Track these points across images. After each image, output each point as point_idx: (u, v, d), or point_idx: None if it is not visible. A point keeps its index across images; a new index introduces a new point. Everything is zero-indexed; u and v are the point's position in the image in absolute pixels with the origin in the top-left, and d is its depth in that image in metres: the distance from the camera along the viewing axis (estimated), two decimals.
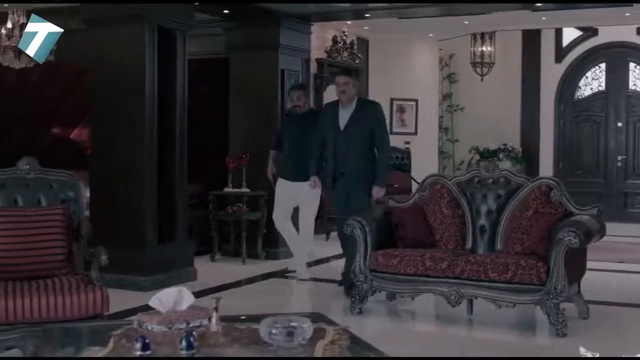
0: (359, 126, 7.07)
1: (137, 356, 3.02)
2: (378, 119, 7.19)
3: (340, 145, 7.12)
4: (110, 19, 7.58)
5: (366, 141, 7.07)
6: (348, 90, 7.09)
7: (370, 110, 7.23)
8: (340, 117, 7.15)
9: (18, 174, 5.17)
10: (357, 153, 7.07)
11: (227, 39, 9.69)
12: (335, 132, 7.15)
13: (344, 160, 7.13)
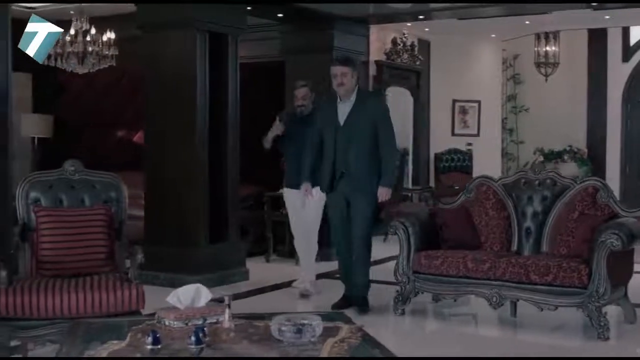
0: (361, 121, 6.38)
1: (148, 350, 3.13)
2: (381, 112, 6.51)
3: (340, 143, 6.42)
4: (163, 24, 7.78)
5: (369, 137, 6.38)
6: (347, 82, 6.38)
7: (372, 102, 6.57)
8: (339, 112, 6.46)
9: (64, 175, 5.35)
10: (359, 151, 6.38)
11: (282, 42, 9.82)
12: (334, 129, 6.45)
13: (344, 160, 6.43)
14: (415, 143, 12.76)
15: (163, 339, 3.28)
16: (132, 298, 4.66)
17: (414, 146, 12.72)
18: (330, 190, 6.56)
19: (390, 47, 11.93)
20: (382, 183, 6.41)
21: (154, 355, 3.10)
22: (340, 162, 6.46)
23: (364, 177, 6.42)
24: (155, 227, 7.99)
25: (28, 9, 11.04)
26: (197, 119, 7.68)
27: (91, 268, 5.01)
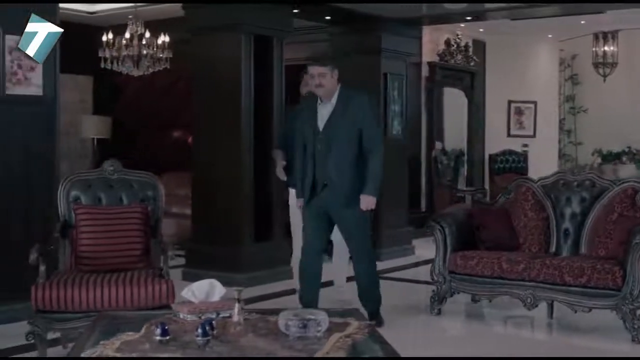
0: (342, 125, 5.73)
1: (157, 340, 3.27)
2: (365, 113, 5.80)
3: (320, 151, 5.79)
4: (210, 27, 7.97)
5: (353, 144, 5.74)
6: (325, 83, 5.72)
7: (355, 103, 5.79)
8: (318, 116, 5.84)
9: (103, 174, 5.56)
10: (340, 160, 5.72)
11: (331, 45, 9.93)
12: (313, 134, 5.85)
13: (324, 170, 5.78)
14: (470, 144, 12.75)
15: (174, 331, 3.42)
16: (162, 293, 4.82)
17: (468, 147, 12.72)
18: (310, 202, 5.91)
19: (443, 48, 11.95)
20: (366, 191, 5.73)
21: (162, 346, 3.23)
22: (321, 173, 5.81)
23: (350, 191, 5.76)
24: (203, 226, 8.20)
25: (89, 14, 11.44)
26: (243, 120, 7.85)
27: (127, 264, 5.19)
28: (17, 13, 6.08)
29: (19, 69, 6.16)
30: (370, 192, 5.74)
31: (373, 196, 5.76)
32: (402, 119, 9.96)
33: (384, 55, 9.62)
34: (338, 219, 5.89)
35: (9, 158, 6.15)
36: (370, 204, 5.77)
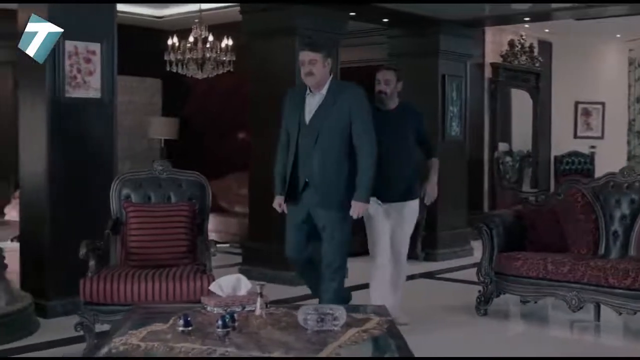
0: (331, 118, 5.18)
1: (180, 331, 3.45)
2: (357, 107, 5.21)
3: (304, 145, 5.25)
4: (267, 31, 8.17)
5: (341, 140, 5.18)
6: (316, 71, 5.18)
7: (346, 95, 5.22)
8: (306, 107, 5.28)
9: (153, 174, 5.79)
10: (326, 156, 5.18)
11: (390, 47, 10.01)
12: (298, 127, 5.28)
13: (307, 166, 5.23)
14: (535, 145, 12.65)
15: (200, 323, 3.60)
16: (203, 288, 4.98)
17: (533, 148, 12.62)
18: (292, 202, 5.43)
19: (507, 49, 11.90)
20: (356, 197, 5.18)
21: (184, 335, 3.41)
22: (303, 169, 5.27)
23: (332, 190, 5.22)
24: (259, 224, 8.41)
25: (157, 18, 11.80)
26: None
27: (173, 260, 5.40)
28: (76, 19, 6.40)
29: (78, 73, 6.44)
30: (361, 198, 5.19)
31: (364, 202, 5.22)
32: (461, 121, 9.98)
33: (441, 57, 9.67)
34: (317, 219, 5.32)
35: (69, 159, 6.43)
36: (360, 210, 5.22)
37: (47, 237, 6.36)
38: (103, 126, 6.66)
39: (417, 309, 6.92)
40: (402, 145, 5.96)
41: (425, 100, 9.69)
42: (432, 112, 9.70)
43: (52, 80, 6.33)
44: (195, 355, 3.21)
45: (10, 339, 5.60)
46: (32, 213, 6.59)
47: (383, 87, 5.91)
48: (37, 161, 6.46)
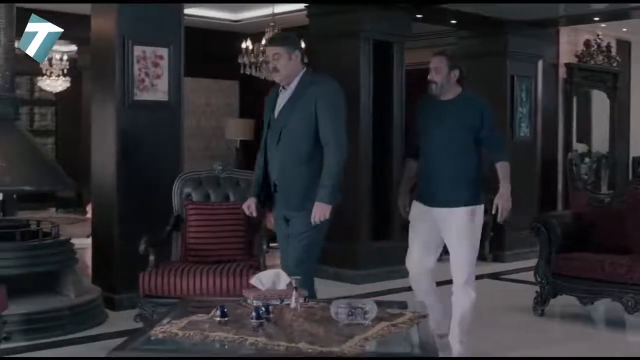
0: (295, 115, 4.75)
1: (216, 321, 3.64)
2: (324, 102, 4.72)
3: (270, 144, 4.90)
4: (332, 34, 8.34)
5: (306, 138, 4.74)
6: (281, 66, 4.78)
7: (315, 90, 4.74)
8: (277, 103, 4.90)
9: (212, 173, 6.02)
10: (292, 156, 4.77)
11: (459, 48, 10.04)
12: (269, 125, 4.92)
13: (275, 168, 4.88)
14: (612, 146, 12.44)
15: (239, 315, 3.78)
16: None
17: (610, 149, 12.42)
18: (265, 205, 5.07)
19: (582, 49, 11.75)
20: (319, 197, 4.72)
21: (219, 325, 3.59)
22: (271, 170, 4.91)
23: (298, 194, 4.81)
24: None
25: (233, 22, 12.11)
26: (362, 123, 8.16)
27: (229, 256, 5.63)
28: (145, 25, 6.70)
29: (146, 77, 6.74)
30: (325, 199, 4.72)
31: (328, 204, 4.74)
32: (530, 121, 9.95)
33: (510, 58, 9.66)
34: (290, 223, 4.92)
35: (136, 159, 6.72)
36: (322, 213, 4.73)
37: (116, 234, 6.68)
38: (170, 127, 6.93)
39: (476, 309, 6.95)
40: (448, 140, 5.13)
41: (494, 101, 9.66)
42: (501, 113, 9.69)
43: (121, 83, 6.64)
44: (227, 342, 3.38)
45: (79, 328, 5.92)
46: (102, 211, 6.92)
47: (433, 75, 5.19)
48: (107, 162, 6.78)
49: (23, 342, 5.46)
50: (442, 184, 5.17)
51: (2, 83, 6.15)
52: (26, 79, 15.77)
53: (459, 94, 5.23)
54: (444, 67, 5.17)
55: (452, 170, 5.16)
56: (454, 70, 5.19)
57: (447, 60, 5.20)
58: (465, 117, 5.14)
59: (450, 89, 5.21)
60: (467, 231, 5.16)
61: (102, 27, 6.89)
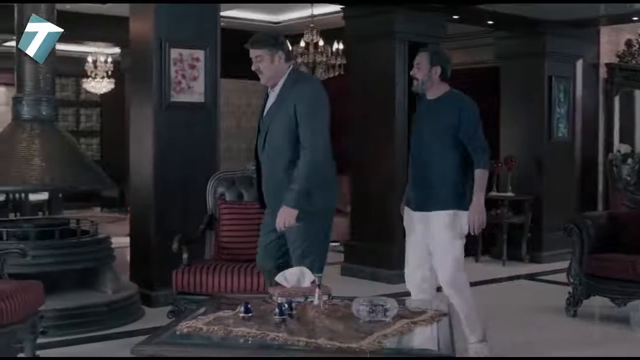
0: (277, 118, 4.60)
1: (240, 317, 3.73)
2: (304, 104, 4.52)
3: (258, 148, 4.81)
4: (367, 36, 8.42)
5: (290, 141, 4.57)
6: (264, 68, 4.60)
7: (297, 90, 4.56)
8: (265, 107, 4.79)
9: (245, 173, 6.12)
10: (274, 160, 4.66)
11: (497, 49, 10.05)
12: (258, 131, 4.81)
13: (263, 174, 4.81)
14: None
15: (263, 311, 3.87)
16: None
17: None
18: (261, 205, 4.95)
19: (624, 49, 11.64)
20: (286, 201, 4.52)
21: (243, 321, 3.69)
22: (263, 172, 4.82)
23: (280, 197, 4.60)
24: (360, 224, 8.67)
25: (273, 24, 12.23)
26: (397, 123, 8.23)
27: None
28: (181, 28, 6.84)
29: (182, 79, 6.87)
30: (291, 203, 4.51)
31: (294, 208, 4.51)
32: (568, 122, 9.91)
33: (548, 58, 9.64)
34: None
35: (173, 159, 6.86)
36: (288, 218, 4.53)
37: (153, 232, 6.82)
38: (205, 128, 7.05)
39: (509, 309, 7.01)
40: (429, 140, 4.99)
41: (532, 101, 9.72)
42: (538, 114, 9.70)
43: (158, 85, 6.79)
44: (250, 337, 3.48)
45: (116, 324, 6.08)
46: (139, 210, 7.08)
47: (415, 71, 5.04)
48: (144, 162, 6.94)
49: (60, 337, 5.61)
50: (422, 187, 5.04)
51: (43, 85, 6.34)
52: (72, 80, 16.12)
53: (444, 93, 5.04)
54: (425, 64, 5.00)
55: (431, 172, 4.99)
56: (435, 67, 4.97)
57: (429, 57, 5.01)
58: (444, 116, 4.95)
59: (434, 87, 5.04)
60: (445, 237, 4.95)
61: (140, 30, 7.06)
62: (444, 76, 5.02)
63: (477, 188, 4.88)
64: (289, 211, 4.51)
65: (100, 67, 14.05)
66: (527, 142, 9.74)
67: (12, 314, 4.45)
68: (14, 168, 6.03)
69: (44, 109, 6.30)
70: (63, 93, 16.25)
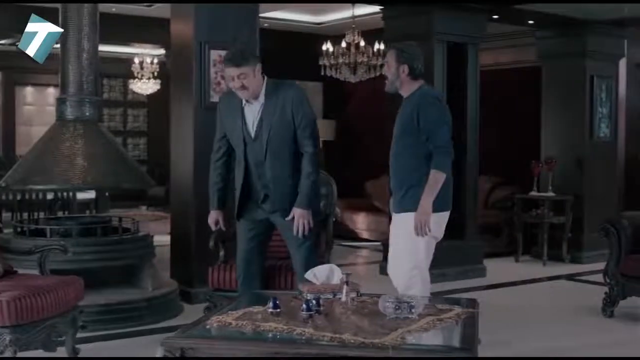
0: (276, 127, 4.75)
1: (269, 312, 3.83)
2: (298, 108, 4.74)
3: (254, 160, 4.86)
4: (406, 36, 8.42)
5: (291, 146, 4.80)
6: (249, 83, 4.67)
7: (285, 95, 4.75)
8: (247, 118, 4.82)
9: None
10: (285, 167, 4.84)
11: (538, 48, 10.01)
12: (244, 142, 4.86)
13: (263, 181, 4.88)
14: None
15: (292, 307, 3.96)
16: None
17: None
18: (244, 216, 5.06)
19: None
20: (298, 203, 4.80)
21: (271, 316, 3.78)
22: (258, 183, 4.91)
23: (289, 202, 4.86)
24: None
25: (316, 24, 12.33)
26: None
27: None
28: (220, 30, 6.96)
29: (222, 79, 6.99)
30: (304, 204, 4.80)
31: (307, 209, 4.82)
32: (611, 121, 9.85)
33: (590, 58, 9.59)
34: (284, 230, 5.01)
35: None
36: (306, 219, 4.82)
37: (192, 230, 6.95)
38: None
39: (546, 309, 7.01)
40: (395, 140, 5.04)
41: (574, 101, 9.68)
42: (580, 113, 9.66)
43: (198, 86, 6.93)
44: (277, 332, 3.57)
45: (155, 320, 6.22)
46: (180, 209, 7.23)
47: (385, 69, 5.02)
48: (184, 161, 7.08)
49: (99, 332, 5.77)
50: (393, 188, 5.07)
51: (87, 87, 6.51)
52: (119, 81, 16.42)
53: (414, 91, 4.95)
54: (392, 62, 4.93)
55: (396, 172, 5.00)
56: (402, 65, 4.88)
57: (396, 55, 4.92)
58: (406, 114, 4.88)
59: (405, 86, 4.96)
60: (403, 241, 4.92)
61: (180, 33, 7.21)
62: (413, 74, 4.92)
63: (426, 189, 4.75)
64: (306, 212, 4.79)
65: (146, 68, 14.30)
66: (569, 141, 9.71)
67: (52, 308, 4.62)
68: (58, 167, 6.21)
69: (87, 109, 6.48)
70: (111, 94, 16.61)
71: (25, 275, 4.99)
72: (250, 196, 4.96)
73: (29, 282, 4.74)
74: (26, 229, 6.33)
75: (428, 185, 4.74)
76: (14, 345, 4.38)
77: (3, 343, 4.37)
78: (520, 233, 9.74)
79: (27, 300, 4.43)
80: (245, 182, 4.92)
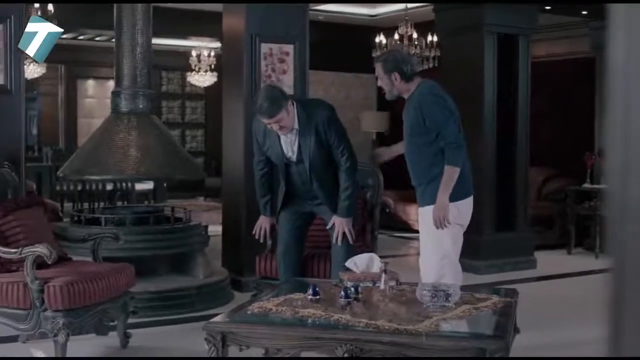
0: (315, 151, 5.00)
1: (308, 299, 3.94)
2: (329, 127, 4.99)
3: (298, 183, 5.18)
4: (457, 28, 8.48)
5: (330, 163, 5.09)
6: (285, 123, 4.88)
7: (315, 117, 4.96)
8: (283, 144, 5.06)
9: None
10: (326, 186, 5.14)
11: (592, 39, 9.93)
12: (285, 166, 5.15)
13: (310, 188, 5.16)
14: None
15: (332, 294, 4.06)
16: None
17: None
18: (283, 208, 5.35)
19: None
20: (339, 211, 5.13)
21: (310, 303, 3.89)
22: (302, 189, 5.22)
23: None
24: None
25: (370, 17, 12.40)
26: (485, 116, 8.27)
27: None
28: (271, 24, 7.09)
29: (272, 72, 7.13)
30: (344, 213, 5.11)
31: (349, 218, 5.13)
32: None
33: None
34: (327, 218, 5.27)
35: None
36: (347, 227, 5.11)
37: (243, 220, 7.10)
38: None
39: (595, 302, 6.96)
40: (405, 138, 5.13)
41: None
42: None
43: (249, 79, 7.07)
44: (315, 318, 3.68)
45: (206, 307, 6.38)
46: (231, 200, 7.39)
47: (379, 83, 5.14)
48: (236, 153, 7.24)
49: (150, 318, 5.96)
50: (414, 184, 5.17)
51: (140, 80, 6.69)
52: (177, 74, 16.70)
53: (413, 90, 4.98)
54: (382, 75, 5.02)
55: (414, 170, 5.10)
56: (392, 74, 4.93)
57: (382, 67, 5.01)
58: (411, 115, 4.98)
59: (402, 89, 5.01)
60: (429, 234, 5.01)
61: (232, 26, 7.35)
62: (405, 77, 4.95)
63: (441, 186, 4.86)
64: (345, 220, 5.10)
65: (203, 60, 14.52)
66: None
67: (103, 293, 4.80)
68: (112, 158, 6.41)
69: (141, 102, 6.66)
70: (169, 86, 16.90)
71: (78, 262, 5.20)
72: (295, 195, 5.25)
73: (81, 268, 4.94)
74: (82, 218, 6.55)
75: (443, 182, 4.86)
76: (67, 329, 4.57)
77: (57, 326, 4.56)
78: (572, 225, 9.69)
79: (79, 285, 4.62)
80: (289, 190, 5.23)
